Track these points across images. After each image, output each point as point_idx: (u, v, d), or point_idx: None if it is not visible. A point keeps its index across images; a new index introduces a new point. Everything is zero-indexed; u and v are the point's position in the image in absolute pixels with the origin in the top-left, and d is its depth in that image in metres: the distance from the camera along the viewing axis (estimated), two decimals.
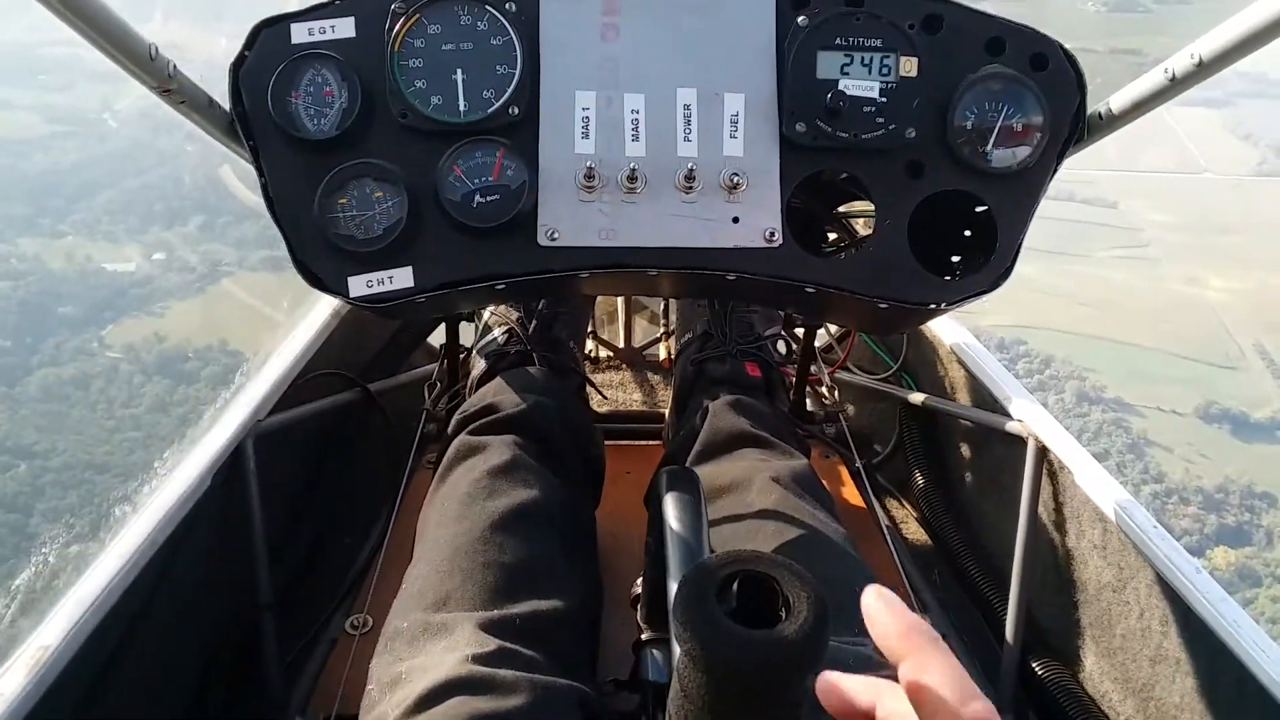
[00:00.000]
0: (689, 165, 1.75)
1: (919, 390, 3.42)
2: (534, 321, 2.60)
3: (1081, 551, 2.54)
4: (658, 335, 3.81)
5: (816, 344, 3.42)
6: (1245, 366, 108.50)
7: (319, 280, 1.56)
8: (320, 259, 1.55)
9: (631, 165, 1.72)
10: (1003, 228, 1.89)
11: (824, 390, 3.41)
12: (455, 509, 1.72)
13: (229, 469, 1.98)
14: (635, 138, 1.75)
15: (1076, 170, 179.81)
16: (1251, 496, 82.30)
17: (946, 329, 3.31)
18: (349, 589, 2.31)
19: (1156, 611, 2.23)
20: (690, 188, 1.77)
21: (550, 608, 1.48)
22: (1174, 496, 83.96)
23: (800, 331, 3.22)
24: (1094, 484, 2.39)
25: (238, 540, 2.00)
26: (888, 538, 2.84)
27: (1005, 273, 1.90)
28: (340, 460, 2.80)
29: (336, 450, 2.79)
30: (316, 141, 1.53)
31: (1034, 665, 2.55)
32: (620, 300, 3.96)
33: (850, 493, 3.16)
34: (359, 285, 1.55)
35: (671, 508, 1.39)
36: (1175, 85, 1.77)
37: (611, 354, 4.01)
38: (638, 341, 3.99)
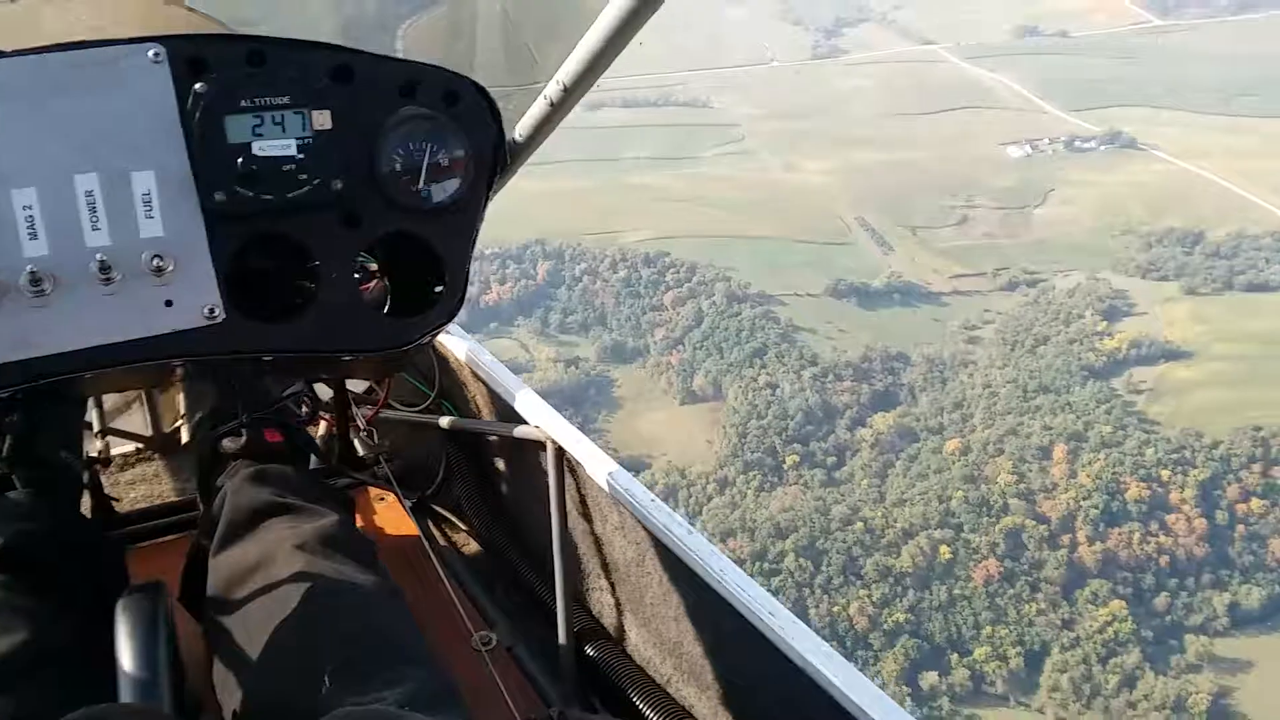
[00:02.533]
0: (98, 255, 1.65)
1: (457, 414, 3.68)
2: (6, 440, 2.45)
3: (607, 536, 2.93)
4: (182, 415, 3.69)
5: (359, 388, 3.66)
6: (853, 240, 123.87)
7: None
8: None
9: (30, 268, 1.59)
10: (449, 260, 2.00)
11: (365, 435, 3.63)
12: None
13: None
14: (33, 235, 1.60)
15: (669, 73, 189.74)
16: (889, 359, 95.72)
17: (464, 349, 3.60)
18: None
19: (668, 575, 2.66)
20: (109, 279, 1.67)
21: None
22: (829, 375, 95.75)
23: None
24: (604, 474, 2.81)
25: None
26: (444, 566, 3.21)
27: (459, 300, 2.05)
28: None
29: None
30: None
31: (589, 650, 2.93)
32: None
33: (404, 530, 3.46)
34: None
35: (124, 639, 1.31)
36: (556, 109, 2.00)
37: (140, 444, 3.80)
38: (167, 425, 3.82)
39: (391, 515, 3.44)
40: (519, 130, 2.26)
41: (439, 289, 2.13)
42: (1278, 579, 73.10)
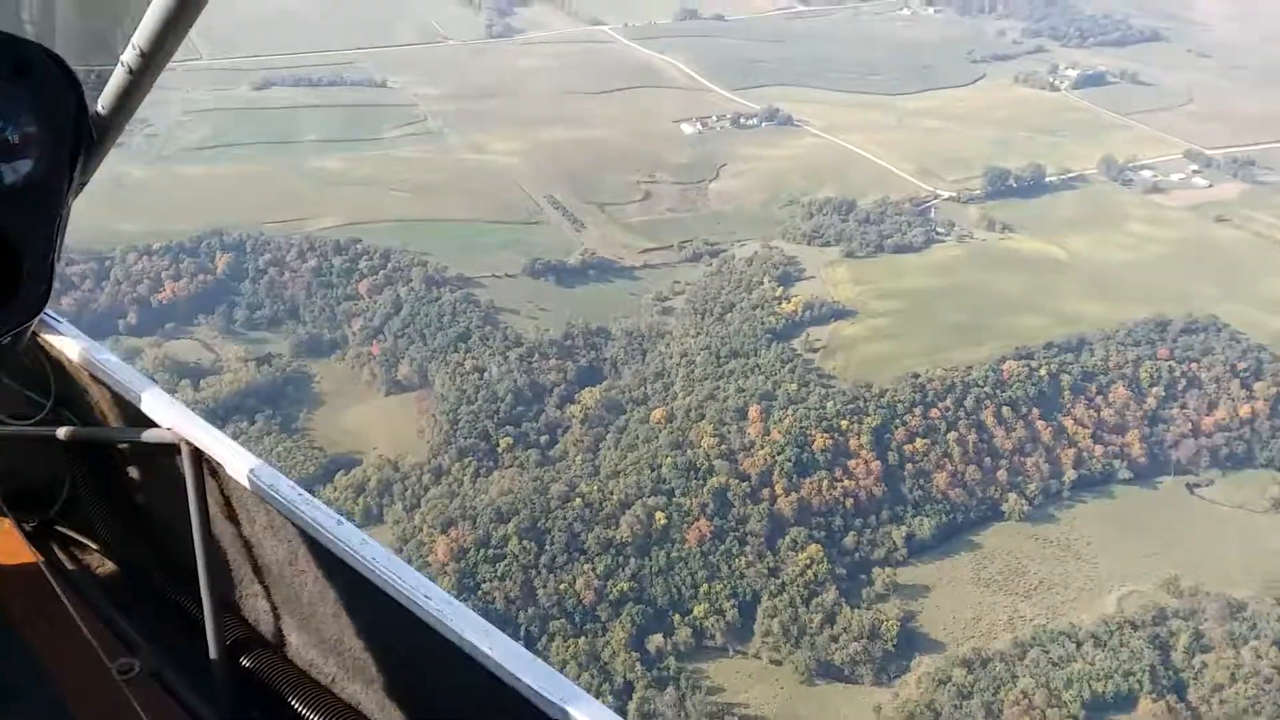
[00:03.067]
0: None
1: (79, 424, 3.43)
2: None
3: (256, 537, 2.77)
4: None
5: None
6: (545, 219, 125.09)
7: None
8: None
9: None
10: (28, 248, 1.77)
11: None
12: None
13: None
14: None
15: (334, 52, 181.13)
16: (591, 335, 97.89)
17: (78, 349, 3.33)
18: None
19: (323, 572, 2.52)
20: None
21: None
22: (535, 355, 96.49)
23: None
24: (246, 472, 2.61)
25: None
26: (74, 593, 2.97)
27: (45, 293, 1.86)
28: None
29: None
30: None
31: (245, 661, 2.77)
32: None
33: (22, 558, 3.19)
34: None
35: None
36: (138, 77, 1.85)
37: None
38: None
39: (6, 544, 3.14)
40: (102, 103, 2.04)
41: (19, 281, 1.89)
42: (944, 509, 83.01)
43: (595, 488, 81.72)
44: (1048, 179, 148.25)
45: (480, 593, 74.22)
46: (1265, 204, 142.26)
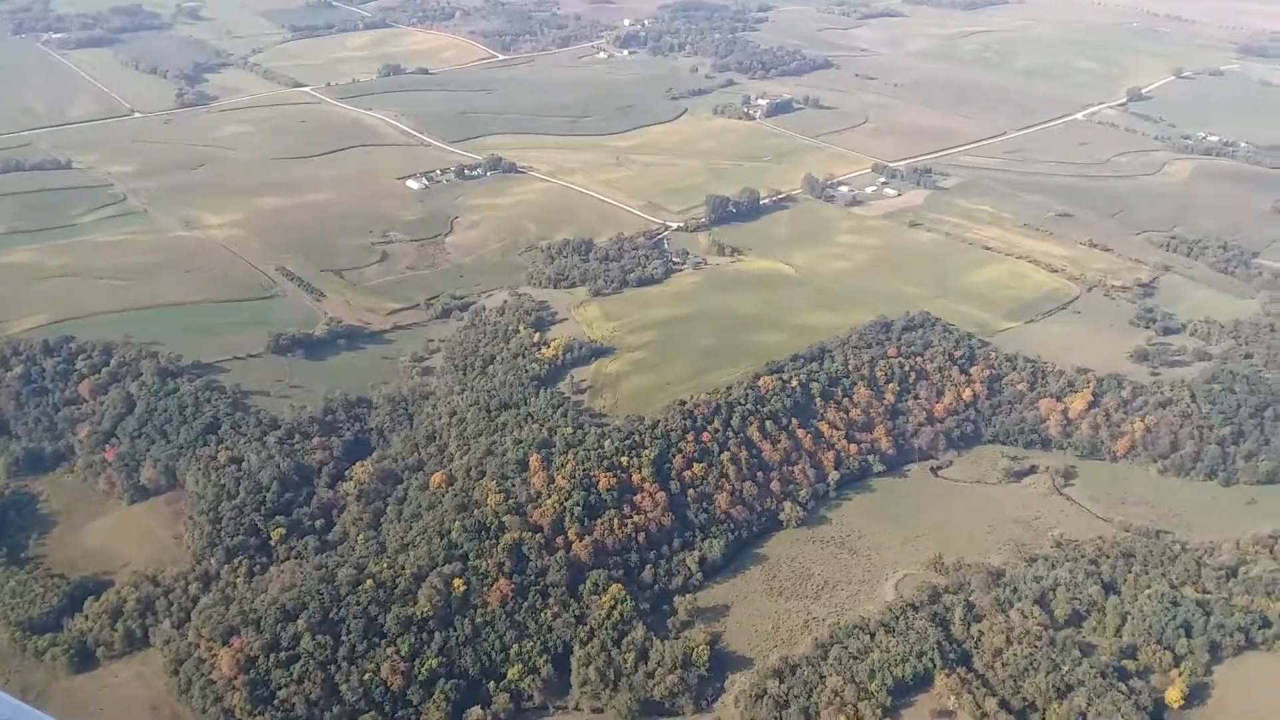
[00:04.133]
0: None
1: None
2: None
3: None
4: None
5: None
6: (281, 291, 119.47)
7: None
8: None
9: None
10: None
11: None
12: None
13: None
14: None
15: (10, 134, 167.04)
16: (352, 406, 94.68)
17: None
18: None
19: None
20: None
21: None
22: (295, 436, 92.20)
23: None
24: None
25: None
26: None
27: None
28: None
29: None
30: None
31: None
32: None
33: None
34: None
35: None
36: None
37: None
38: None
39: None
40: None
41: None
42: (729, 528, 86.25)
43: (385, 565, 78.07)
44: (762, 201, 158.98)
45: (276, 702, 68.64)
46: (948, 207, 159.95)
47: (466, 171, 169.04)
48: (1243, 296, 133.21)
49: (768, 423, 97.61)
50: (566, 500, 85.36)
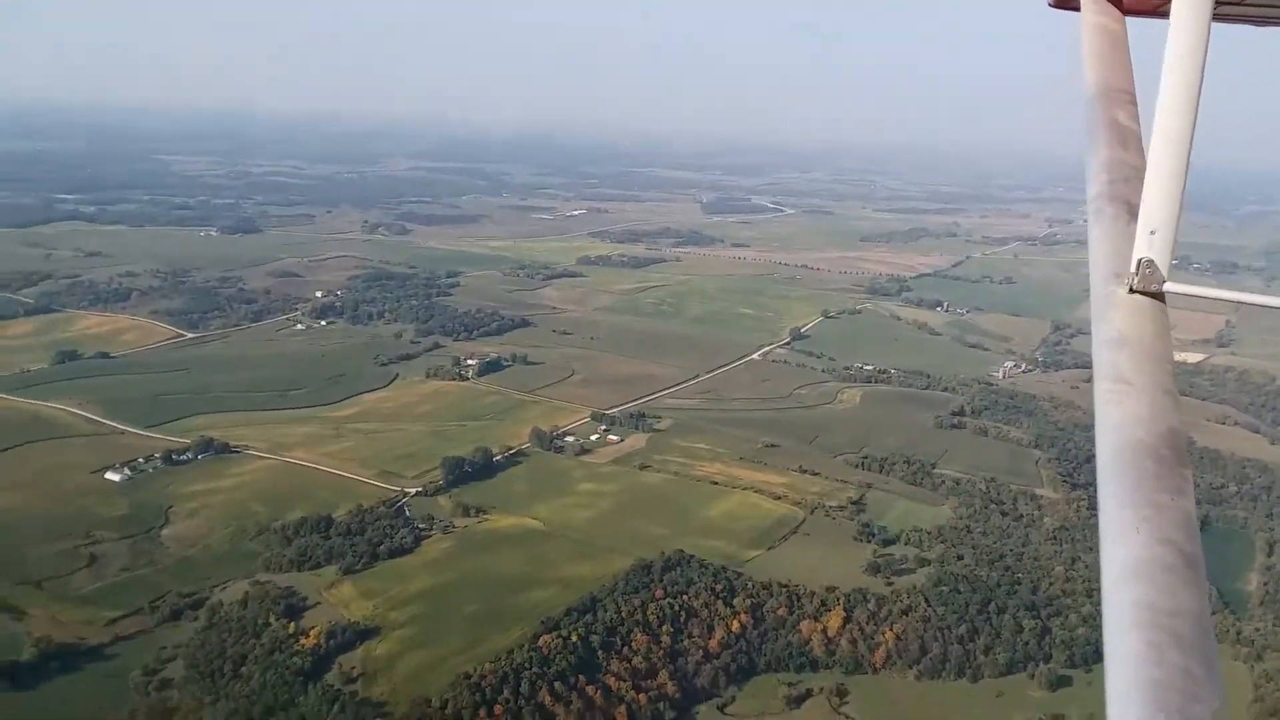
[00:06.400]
0: None
1: None
2: None
3: None
4: None
5: None
6: None
7: None
8: None
9: None
10: None
11: None
12: None
13: None
14: None
15: None
16: None
17: None
18: None
19: None
20: None
21: None
22: None
23: None
24: None
25: None
26: None
27: None
28: None
29: None
30: None
31: None
32: None
33: None
34: None
35: None
36: None
37: None
38: None
39: None
40: None
41: None
42: None
43: None
44: (496, 458, 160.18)
45: None
46: (669, 447, 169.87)
47: (174, 456, 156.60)
48: (935, 504, 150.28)
49: (556, 684, 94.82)
50: None
